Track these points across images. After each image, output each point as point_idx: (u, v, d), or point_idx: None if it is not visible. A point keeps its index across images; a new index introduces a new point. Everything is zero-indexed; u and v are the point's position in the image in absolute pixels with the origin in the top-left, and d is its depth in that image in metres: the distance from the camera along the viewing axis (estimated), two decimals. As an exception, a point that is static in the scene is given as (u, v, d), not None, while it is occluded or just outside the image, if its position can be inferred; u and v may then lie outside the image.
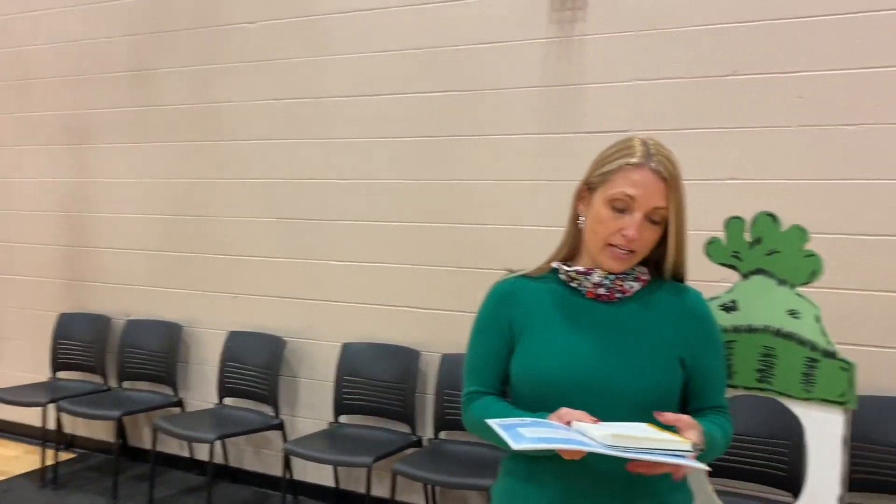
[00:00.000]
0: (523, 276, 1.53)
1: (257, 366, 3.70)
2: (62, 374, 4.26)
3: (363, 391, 3.47)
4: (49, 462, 3.97)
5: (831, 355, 1.61)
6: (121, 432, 4.10)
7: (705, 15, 2.81)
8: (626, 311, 1.45)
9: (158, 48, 3.99)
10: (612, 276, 1.44)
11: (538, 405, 1.39)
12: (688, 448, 1.21)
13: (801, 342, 1.63)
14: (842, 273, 2.62)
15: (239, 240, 3.83)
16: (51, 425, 4.11)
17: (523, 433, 1.25)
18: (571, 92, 3.06)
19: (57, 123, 4.32)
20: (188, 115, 3.93)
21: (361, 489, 3.50)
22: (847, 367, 1.59)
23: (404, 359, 3.40)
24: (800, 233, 1.63)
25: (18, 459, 4.20)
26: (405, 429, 3.38)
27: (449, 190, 3.32)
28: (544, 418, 1.32)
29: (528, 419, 1.34)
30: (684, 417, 1.30)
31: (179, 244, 3.99)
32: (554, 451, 1.23)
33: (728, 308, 1.71)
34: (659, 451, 1.20)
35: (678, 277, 1.48)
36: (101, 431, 4.28)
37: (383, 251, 3.47)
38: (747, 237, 1.69)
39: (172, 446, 4.03)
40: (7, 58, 4.47)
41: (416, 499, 3.38)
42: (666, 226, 1.40)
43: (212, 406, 3.80)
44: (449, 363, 3.28)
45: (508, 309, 1.50)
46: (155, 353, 3.99)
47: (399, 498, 3.29)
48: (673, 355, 1.42)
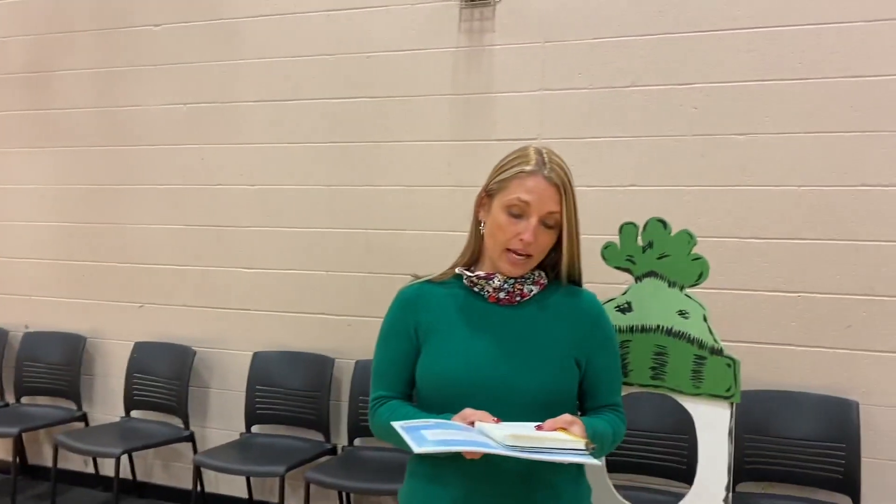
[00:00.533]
0: (428, 282, 1.57)
1: (165, 377, 3.60)
2: (-46, 391, 4.04)
3: (276, 400, 3.43)
4: (-60, 484, 3.77)
5: (718, 352, 1.71)
6: (19, 450, 3.91)
7: (608, 28, 2.93)
8: (525, 314, 1.50)
9: (58, 49, 3.84)
10: (512, 281, 1.49)
11: (442, 407, 1.42)
12: (581, 447, 1.27)
13: (690, 341, 1.72)
14: (728, 274, 2.77)
15: (145, 247, 3.72)
16: (-59, 445, 3.90)
17: (426, 436, 1.28)
18: (482, 100, 3.13)
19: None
20: (91, 119, 3.80)
21: (275, 499, 3.45)
22: (732, 364, 1.69)
23: (317, 366, 3.38)
24: (688, 237, 1.72)
25: None
26: (319, 437, 3.35)
27: (360, 196, 3.33)
28: (449, 419, 1.36)
29: (433, 420, 1.38)
30: (563, 417, 1.35)
31: (82, 252, 3.85)
32: (457, 452, 1.27)
33: (623, 309, 1.79)
34: (555, 451, 1.26)
35: (574, 280, 1.55)
36: (-2, 450, 4.08)
37: (294, 257, 3.44)
38: (640, 242, 1.77)
39: (76, 462, 3.88)
40: None
41: (331, 506, 3.37)
42: (560, 230, 1.46)
43: (118, 419, 3.68)
44: (362, 369, 3.28)
45: (413, 314, 1.53)
46: (55, 366, 3.83)
47: (313, 506, 3.27)
48: (569, 355, 1.48)
